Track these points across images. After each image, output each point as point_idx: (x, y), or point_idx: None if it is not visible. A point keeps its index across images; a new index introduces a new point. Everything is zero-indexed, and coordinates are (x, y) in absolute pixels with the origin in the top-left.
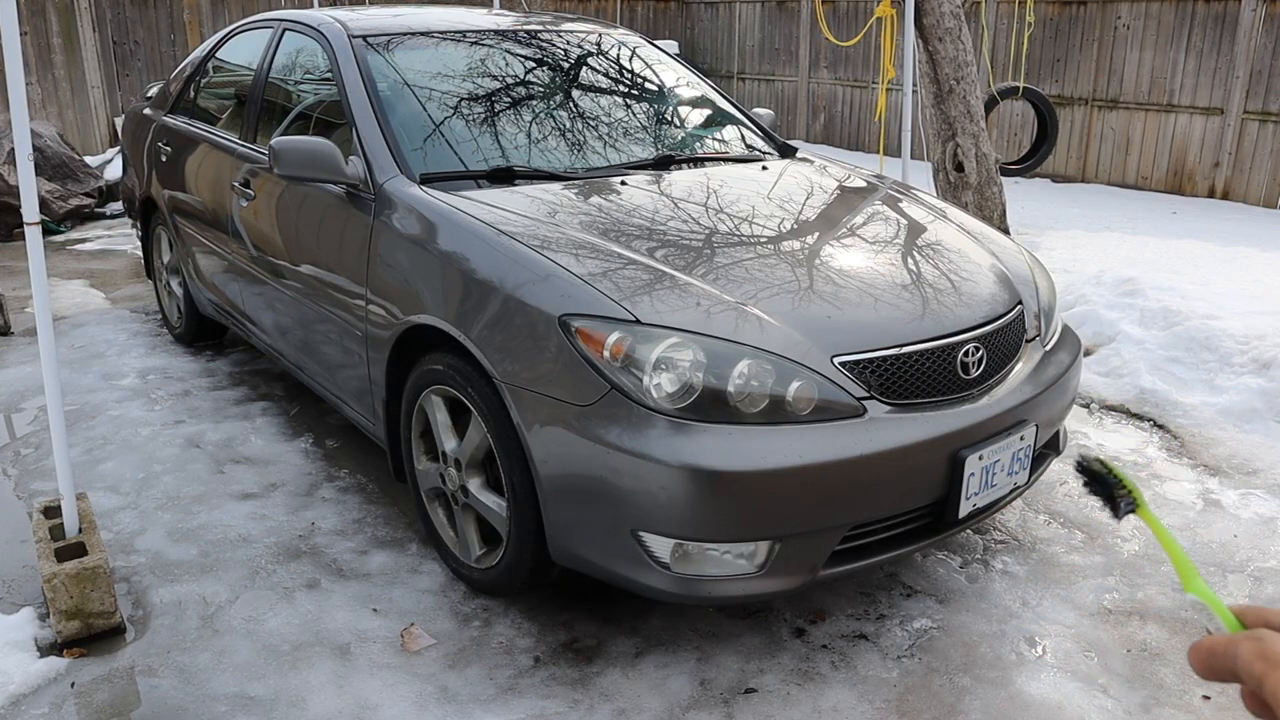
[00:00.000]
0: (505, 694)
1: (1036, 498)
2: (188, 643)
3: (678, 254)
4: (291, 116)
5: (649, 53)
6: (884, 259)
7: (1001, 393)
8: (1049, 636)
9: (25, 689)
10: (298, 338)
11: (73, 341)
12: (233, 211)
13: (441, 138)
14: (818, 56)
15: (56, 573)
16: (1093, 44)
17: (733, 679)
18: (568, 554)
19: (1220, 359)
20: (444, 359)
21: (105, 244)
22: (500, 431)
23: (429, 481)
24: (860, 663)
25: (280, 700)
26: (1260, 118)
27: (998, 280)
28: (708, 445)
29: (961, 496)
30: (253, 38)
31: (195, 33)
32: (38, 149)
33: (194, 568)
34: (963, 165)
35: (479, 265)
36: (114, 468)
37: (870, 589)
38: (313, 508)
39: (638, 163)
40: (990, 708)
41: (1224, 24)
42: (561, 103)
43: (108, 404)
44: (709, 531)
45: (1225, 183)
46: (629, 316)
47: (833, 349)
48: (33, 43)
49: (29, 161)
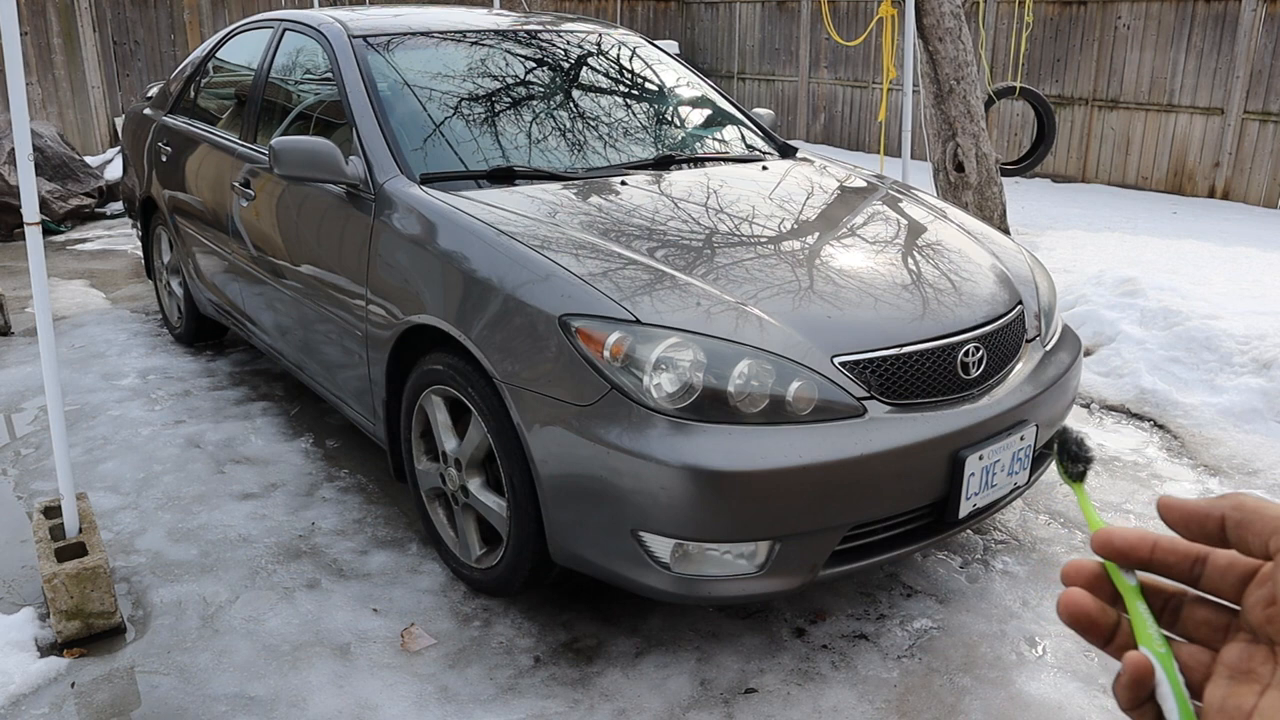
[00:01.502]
0: (505, 694)
1: (1037, 498)
2: (188, 643)
3: (678, 254)
4: (292, 116)
5: (649, 53)
6: (884, 259)
7: (1002, 393)
8: (1049, 636)
9: (25, 689)
10: (298, 338)
11: (73, 341)
12: (233, 211)
13: (442, 138)
14: (818, 56)
15: (57, 573)
16: (1093, 44)
17: (733, 679)
18: (568, 554)
19: (1220, 359)
20: (444, 359)
21: (105, 244)
22: (500, 431)
23: (429, 481)
24: (860, 663)
25: (280, 700)
26: (1260, 118)
27: (998, 280)
28: (708, 445)
29: (962, 496)
30: (253, 38)
31: (195, 33)
32: (38, 149)
33: (194, 568)
34: (963, 165)
35: (479, 265)
36: (114, 468)
37: (870, 589)
38: (313, 508)
39: (638, 163)
40: (990, 708)
41: (1224, 24)
42: (562, 103)
43: (108, 404)
44: (709, 531)
45: (1225, 183)
46: (629, 316)
47: (833, 349)
48: (33, 43)
49: (29, 161)
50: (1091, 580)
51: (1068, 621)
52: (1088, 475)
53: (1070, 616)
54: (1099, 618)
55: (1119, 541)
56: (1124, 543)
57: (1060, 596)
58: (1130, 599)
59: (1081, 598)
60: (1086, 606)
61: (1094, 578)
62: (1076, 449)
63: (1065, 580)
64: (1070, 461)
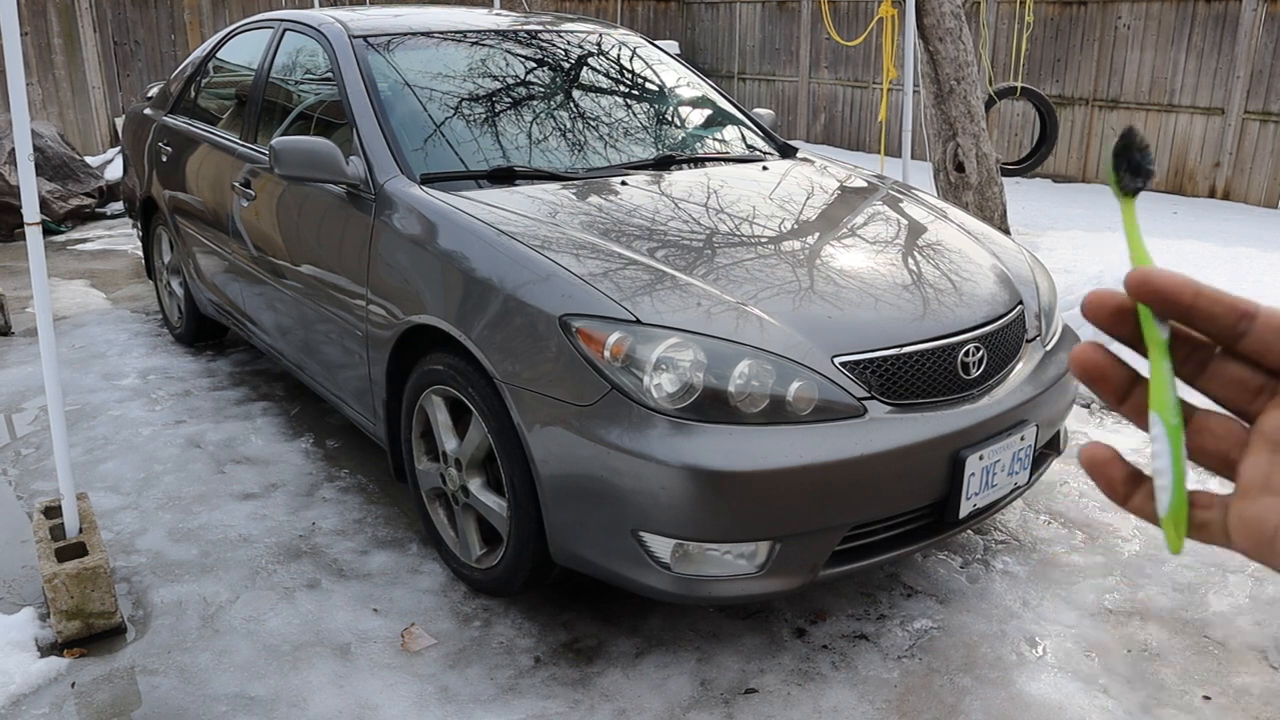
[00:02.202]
0: (506, 694)
1: (1037, 498)
2: (188, 643)
3: (678, 254)
4: (292, 116)
5: (649, 53)
6: (884, 259)
7: (1002, 393)
8: (1049, 637)
9: (26, 689)
10: (298, 338)
11: (73, 341)
12: (233, 211)
13: (442, 138)
14: (818, 57)
15: (57, 573)
16: (1093, 44)
17: (733, 679)
18: (568, 554)
19: None
20: (444, 359)
21: (106, 244)
22: (501, 431)
23: (429, 481)
24: (861, 663)
25: (281, 700)
26: (1261, 118)
27: (998, 280)
28: (708, 445)
29: (962, 497)
30: (253, 38)
31: (196, 33)
32: (38, 149)
33: (194, 568)
34: (963, 165)
35: (479, 265)
36: (115, 468)
37: (871, 589)
38: (313, 508)
39: (638, 163)
40: (991, 708)
41: (1225, 24)
42: (562, 103)
43: (108, 404)
44: (709, 531)
45: (1226, 183)
46: (629, 316)
47: (833, 349)
48: (33, 43)
49: (30, 161)
50: (1116, 314)
51: (1078, 374)
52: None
53: (1081, 368)
54: (1112, 372)
55: (1159, 282)
56: (1164, 284)
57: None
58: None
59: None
60: (1098, 359)
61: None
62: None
63: (1086, 311)
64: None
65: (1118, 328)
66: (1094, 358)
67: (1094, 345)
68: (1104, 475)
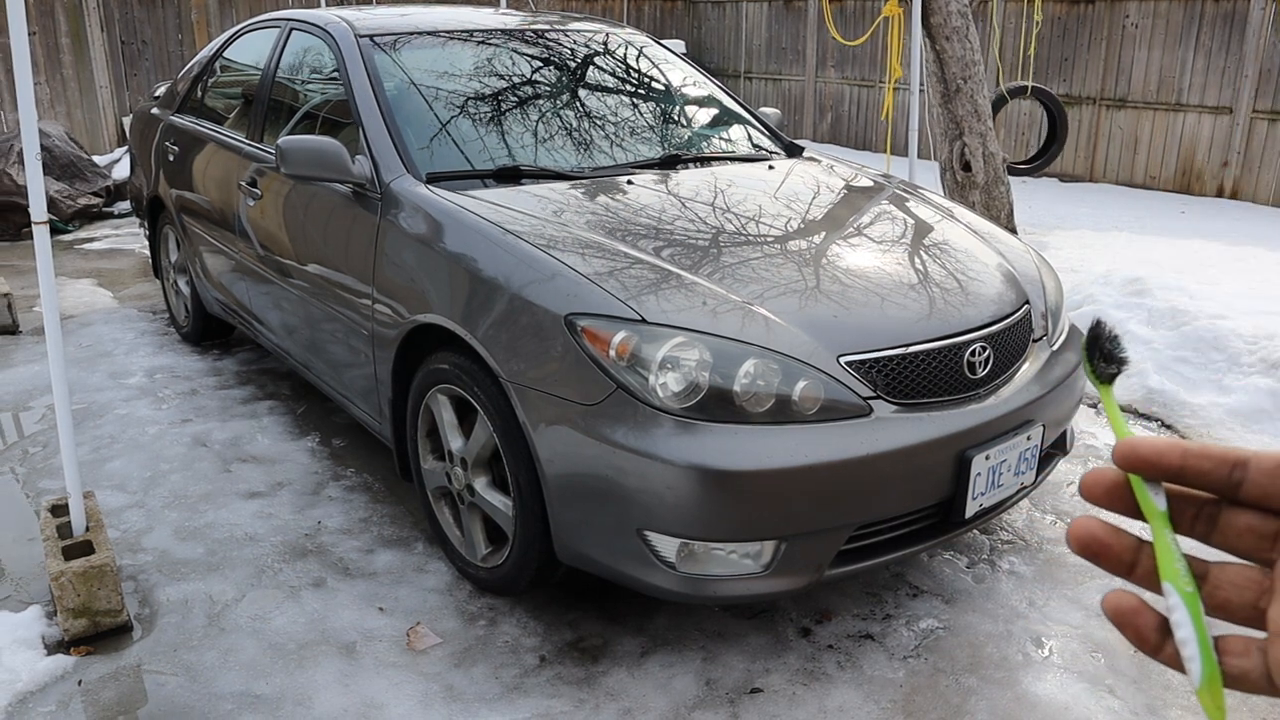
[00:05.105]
0: (511, 693)
1: (1043, 498)
2: (194, 641)
3: (684, 253)
4: (298, 116)
5: (656, 52)
6: (891, 258)
7: (1008, 392)
8: (1055, 637)
9: (32, 686)
10: (304, 337)
11: (80, 340)
12: (240, 211)
13: (448, 137)
14: (825, 56)
15: (64, 571)
16: (1101, 43)
17: (738, 679)
18: (574, 553)
19: (1229, 359)
20: (450, 358)
21: (113, 243)
22: (506, 431)
23: (435, 480)
24: (866, 663)
25: (286, 699)
26: (1269, 117)
27: (1005, 280)
28: (713, 445)
29: (968, 496)
30: (260, 37)
31: (203, 32)
32: (46, 148)
33: (201, 566)
34: (970, 165)
35: (485, 264)
36: (121, 466)
37: (876, 589)
38: (319, 506)
39: (644, 162)
40: (996, 708)
41: (1233, 23)
42: (568, 102)
43: (115, 403)
44: (715, 531)
45: (1234, 182)
46: (635, 316)
47: (839, 348)
48: (41, 42)
49: (37, 161)
50: (1112, 491)
51: (1078, 551)
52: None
53: (1080, 545)
54: (1113, 543)
55: (1145, 450)
56: (1151, 451)
57: (1070, 524)
58: (1157, 526)
59: (1091, 524)
60: (1097, 533)
61: (1115, 489)
62: (1110, 347)
63: (1083, 491)
64: (1103, 361)
65: (1116, 503)
66: (1092, 531)
67: (1090, 519)
68: (1132, 627)
